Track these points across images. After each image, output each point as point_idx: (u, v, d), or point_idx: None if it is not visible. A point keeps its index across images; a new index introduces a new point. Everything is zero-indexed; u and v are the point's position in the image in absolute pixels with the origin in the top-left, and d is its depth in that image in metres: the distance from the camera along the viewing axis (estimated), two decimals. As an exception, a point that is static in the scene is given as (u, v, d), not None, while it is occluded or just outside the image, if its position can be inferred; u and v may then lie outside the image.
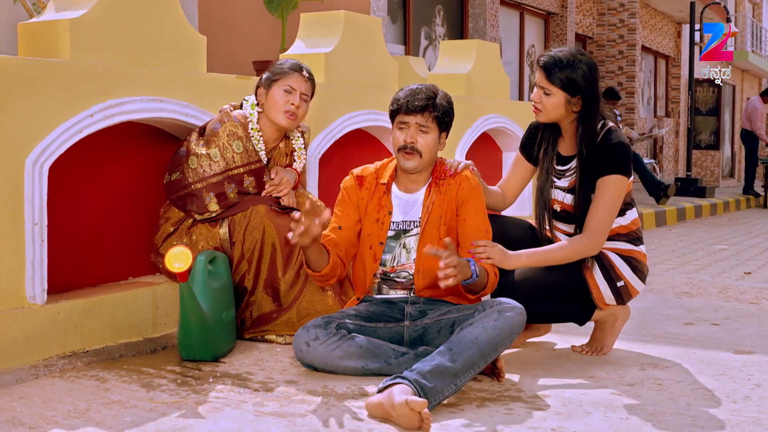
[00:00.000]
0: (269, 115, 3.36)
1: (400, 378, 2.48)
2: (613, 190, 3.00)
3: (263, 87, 3.35)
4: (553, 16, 13.74)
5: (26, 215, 2.81)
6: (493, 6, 11.51)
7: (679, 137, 18.68)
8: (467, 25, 11.52)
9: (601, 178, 3.01)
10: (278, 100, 3.32)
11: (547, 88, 3.02)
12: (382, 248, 3.00)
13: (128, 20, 3.25)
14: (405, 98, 2.95)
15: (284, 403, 2.56)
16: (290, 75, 3.34)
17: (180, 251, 2.66)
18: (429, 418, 2.33)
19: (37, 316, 2.84)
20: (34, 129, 2.82)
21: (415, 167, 2.97)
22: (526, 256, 2.99)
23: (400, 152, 2.96)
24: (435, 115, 2.95)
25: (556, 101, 3.02)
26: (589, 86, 3.01)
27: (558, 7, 13.64)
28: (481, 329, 2.68)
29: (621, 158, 3.02)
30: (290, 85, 3.33)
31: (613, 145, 3.02)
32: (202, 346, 2.95)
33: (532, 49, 13.51)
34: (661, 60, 18.62)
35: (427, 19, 10.98)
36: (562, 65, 2.99)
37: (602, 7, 15.68)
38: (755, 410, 2.58)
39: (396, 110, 2.97)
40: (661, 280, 5.03)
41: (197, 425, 2.35)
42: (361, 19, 4.61)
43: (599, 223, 3.00)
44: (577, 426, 2.42)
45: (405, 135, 2.94)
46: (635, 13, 15.50)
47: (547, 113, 3.06)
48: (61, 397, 2.57)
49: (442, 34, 11.18)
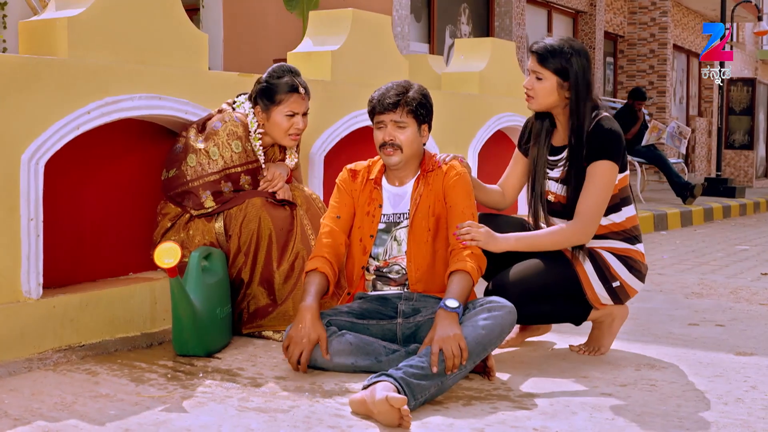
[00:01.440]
0: (272, 135, 3.39)
1: (385, 375, 2.48)
2: (602, 176, 2.97)
3: (261, 109, 3.34)
4: (581, 15, 13.63)
5: (22, 211, 2.85)
6: (519, 4, 11.45)
7: (711, 137, 18.43)
8: (493, 23, 11.47)
9: (591, 164, 2.98)
10: (282, 124, 3.35)
11: (539, 73, 3.02)
12: (372, 241, 3.02)
13: (128, 18, 3.28)
14: (378, 98, 3.00)
15: (269, 399, 2.57)
16: (289, 98, 3.33)
17: (169, 247, 2.69)
18: (408, 415, 2.33)
19: (32, 310, 2.89)
20: (30, 126, 2.86)
21: (398, 162, 3.00)
22: (514, 239, 2.98)
23: (381, 150, 2.99)
24: (408, 110, 2.98)
25: (548, 86, 3.02)
26: (581, 72, 3.00)
27: (587, 6, 13.53)
28: (470, 328, 2.68)
29: (611, 145, 2.99)
30: (292, 110, 3.34)
31: (604, 131, 2.99)
32: (195, 341, 2.97)
33: (560, 48, 13.41)
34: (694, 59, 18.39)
35: (452, 18, 10.96)
36: (554, 50, 3.00)
37: (633, 5, 15.53)
38: (745, 412, 2.54)
39: (371, 110, 3.02)
40: (672, 281, 4.97)
41: (179, 419, 2.37)
42: (370, 17, 4.61)
43: (588, 210, 2.97)
44: (560, 426, 2.40)
45: (383, 133, 2.98)
46: (667, 12, 15.33)
47: (539, 100, 3.06)
48: (50, 390, 2.60)
49: (467, 32, 11.15)
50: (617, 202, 3.09)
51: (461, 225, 2.91)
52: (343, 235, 3.03)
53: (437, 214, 3.01)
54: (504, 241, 2.96)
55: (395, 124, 2.97)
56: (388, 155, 2.99)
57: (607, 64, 15.65)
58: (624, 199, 3.12)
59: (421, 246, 2.99)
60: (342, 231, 3.03)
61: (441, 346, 2.56)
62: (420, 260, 2.99)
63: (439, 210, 3.01)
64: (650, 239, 7.43)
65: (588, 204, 2.97)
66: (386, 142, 2.97)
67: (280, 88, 3.33)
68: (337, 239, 3.01)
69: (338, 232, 3.02)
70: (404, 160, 3.01)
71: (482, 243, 2.90)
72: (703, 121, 17.92)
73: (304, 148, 4.08)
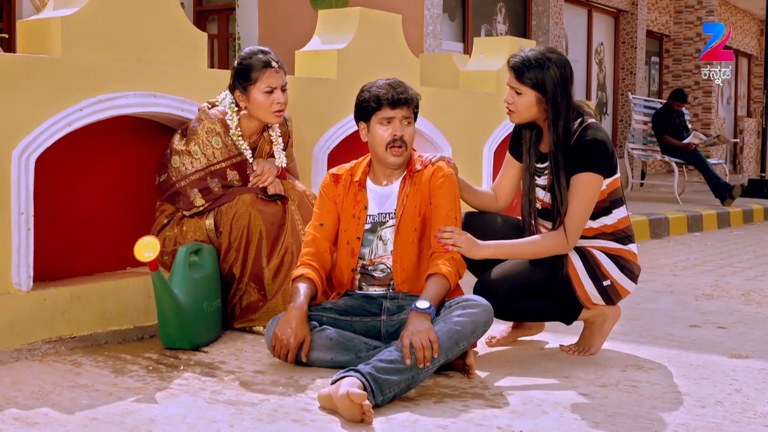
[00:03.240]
0: (258, 116, 3.39)
1: (353, 371, 2.49)
2: (584, 189, 2.95)
3: (240, 92, 3.36)
4: (623, 14, 13.46)
5: (12, 205, 2.92)
6: (557, 3, 11.35)
7: (761, 138, 18.02)
8: (530, 22, 11.39)
9: (574, 176, 2.96)
10: (263, 102, 3.35)
11: (517, 88, 3.01)
12: (359, 243, 3.02)
13: (123, 18, 3.35)
14: (387, 93, 2.95)
15: (241, 392, 2.60)
16: (264, 74, 3.33)
17: (148, 241, 2.74)
18: (370, 410, 2.34)
19: (22, 302, 2.96)
20: (21, 123, 2.94)
21: (403, 161, 2.99)
22: (495, 247, 2.97)
23: (390, 148, 2.96)
24: (414, 105, 2.98)
25: (527, 101, 3.00)
26: (560, 84, 2.97)
27: (628, 5, 13.35)
28: (442, 324, 2.68)
29: (594, 156, 2.96)
30: (269, 86, 3.35)
31: (587, 142, 2.96)
32: (180, 334, 3.02)
33: (600, 47, 13.26)
34: (743, 59, 18.02)
35: (488, 17, 10.90)
36: (531, 65, 2.97)
37: (679, 4, 15.28)
38: (720, 415, 2.50)
39: (377, 107, 2.96)
40: (686, 282, 4.88)
41: (147, 410, 2.42)
42: (379, 15, 4.62)
43: (570, 223, 2.95)
44: (525, 425, 2.39)
45: (393, 129, 2.94)
46: (713, 11, 15.04)
47: (520, 114, 3.04)
48: (30, 380, 2.67)
49: (503, 31, 11.08)
50: (607, 205, 3.06)
51: (444, 229, 2.90)
52: (327, 242, 3.03)
53: (423, 214, 3.00)
54: (485, 249, 2.95)
55: (404, 120, 2.96)
56: (396, 154, 2.95)
57: (652, 63, 15.43)
58: (614, 202, 3.08)
59: (407, 246, 2.99)
60: (324, 238, 3.04)
61: (411, 340, 2.56)
62: (406, 260, 2.99)
63: (425, 211, 3.00)
64: (681, 240, 7.30)
65: (570, 217, 2.95)
66: (396, 138, 2.94)
67: (253, 66, 3.34)
68: (319, 246, 3.02)
69: (320, 239, 3.03)
70: (405, 158, 3.00)
71: (464, 250, 2.90)
72: (752, 122, 17.54)
73: (307, 146, 4.12)
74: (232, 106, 3.39)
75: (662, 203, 9.33)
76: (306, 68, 4.39)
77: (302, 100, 4.03)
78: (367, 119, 3.00)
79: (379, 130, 2.97)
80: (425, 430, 2.32)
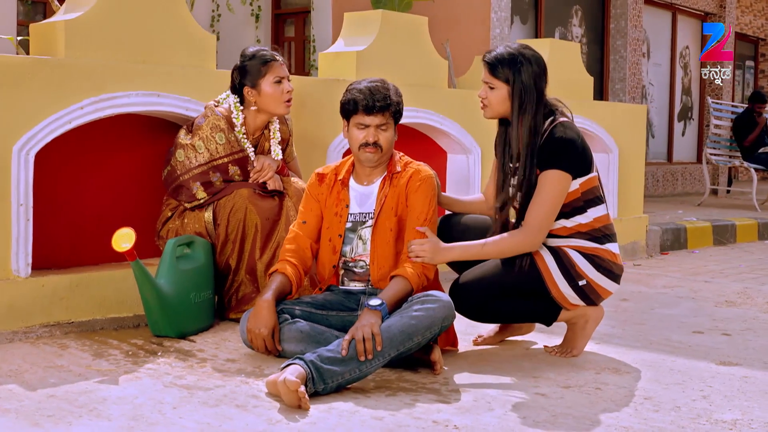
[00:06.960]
0: (268, 108, 3.53)
1: (299, 359, 2.57)
2: (551, 186, 2.94)
3: (249, 87, 3.50)
4: (710, 17, 13.05)
5: (12, 197, 3.12)
6: (636, 6, 11.11)
7: None
8: (608, 25, 11.19)
9: (542, 173, 2.95)
10: (273, 93, 3.50)
11: (491, 83, 3.04)
12: (340, 240, 3.09)
13: (130, 20, 3.51)
14: (364, 99, 2.99)
15: (201, 378, 2.71)
16: (271, 66, 3.50)
17: (125, 232, 2.89)
18: (305, 397, 2.42)
19: (20, 288, 3.15)
20: (22, 120, 3.13)
21: (377, 160, 3.05)
22: (459, 249, 2.99)
23: (362, 148, 3.03)
24: (391, 112, 3.02)
25: (500, 95, 3.03)
26: (530, 80, 2.98)
27: (716, 8, 12.95)
28: (398, 318, 2.73)
29: (562, 154, 2.94)
30: (277, 76, 3.50)
31: (555, 140, 2.96)
32: (165, 323, 3.15)
33: (686, 51, 12.90)
34: None
35: (563, 20, 10.77)
36: (504, 60, 3.01)
37: (776, 6, 14.71)
38: (669, 421, 2.46)
39: (351, 110, 3.02)
40: (713, 289, 4.74)
41: (105, 390, 2.55)
42: (403, 18, 4.68)
43: (535, 220, 2.95)
44: (463, 421, 2.41)
45: (366, 134, 3.00)
46: (813, 11, 14.42)
47: (492, 108, 3.07)
48: (13, 359, 2.85)
49: (579, 34, 10.93)
50: (581, 204, 3.04)
51: (410, 244, 2.96)
52: (308, 239, 3.11)
53: (400, 215, 3.05)
54: (449, 252, 2.99)
55: (378, 126, 3.03)
56: (368, 153, 3.04)
57: (746, 67, 14.90)
58: (590, 201, 3.05)
59: (384, 246, 3.04)
60: (306, 236, 3.12)
61: (353, 333, 2.63)
62: (382, 260, 3.04)
63: (402, 212, 3.05)
64: (745, 248, 7.05)
65: (535, 214, 2.95)
66: (369, 143, 3.03)
67: (261, 60, 3.51)
68: (300, 243, 3.10)
69: (302, 236, 3.11)
70: (381, 159, 3.07)
71: (427, 258, 2.94)
72: None
73: (323, 145, 4.21)
74: (236, 104, 3.53)
75: (740, 210, 9.00)
76: (327, 69, 4.49)
77: (321, 100, 4.14)
78: (347, 119, 3.07)
79: (354, 131, 3.04)
80: (360, 421, 2.38)
